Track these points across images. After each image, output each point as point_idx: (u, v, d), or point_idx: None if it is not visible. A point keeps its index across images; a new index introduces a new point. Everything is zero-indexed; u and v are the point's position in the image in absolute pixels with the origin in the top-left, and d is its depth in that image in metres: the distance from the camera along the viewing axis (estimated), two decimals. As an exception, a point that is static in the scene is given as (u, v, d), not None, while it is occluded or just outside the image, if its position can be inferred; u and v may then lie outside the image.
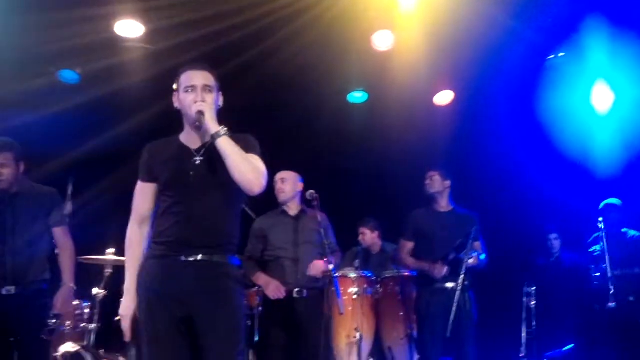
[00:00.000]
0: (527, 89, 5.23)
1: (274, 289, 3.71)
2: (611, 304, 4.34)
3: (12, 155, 3.31)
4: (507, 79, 5.13)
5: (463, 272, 3.69)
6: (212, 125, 2.28)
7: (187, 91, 2.37)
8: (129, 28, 4.54)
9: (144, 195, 2.43)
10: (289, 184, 3.95)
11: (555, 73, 5.12)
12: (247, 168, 2.28)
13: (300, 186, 3.99)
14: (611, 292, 4.34)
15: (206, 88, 2.37)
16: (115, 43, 4.63)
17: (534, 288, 5.00)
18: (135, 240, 2.42)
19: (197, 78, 2.37)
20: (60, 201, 3.58)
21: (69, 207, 4.23)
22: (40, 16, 4.21)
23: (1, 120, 4.63)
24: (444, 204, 4.12)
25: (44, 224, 3.40)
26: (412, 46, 4.65)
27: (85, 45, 4.60)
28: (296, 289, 3.73)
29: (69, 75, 4.89)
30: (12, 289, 3.22)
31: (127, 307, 2.35)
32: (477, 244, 3.96)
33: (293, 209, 3.97)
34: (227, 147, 2.26)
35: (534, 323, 4.88)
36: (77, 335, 3.96)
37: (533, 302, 4.94)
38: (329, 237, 3.94)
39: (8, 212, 3.30)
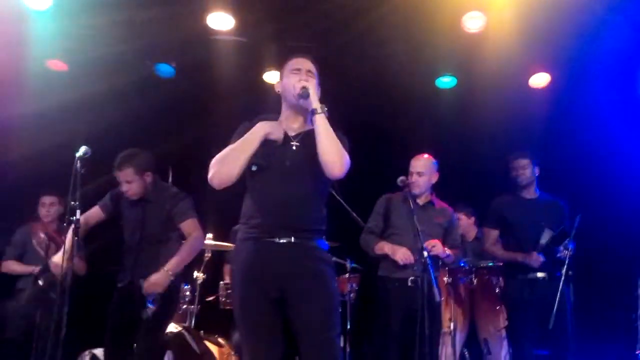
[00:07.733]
0: (629, 69, 4.89)
1: (404, 254, 3.60)
2: None
3: (133, 170, 3.32)
4: (607, 58, 4.80)
5: (567, 262, 3.53)
6: (314, 101, 2.39)
7: (292, 73, 2.50)
8: (220, 21, 4.65)
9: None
10: (425, 177, 3.79)
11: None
12: (335, 149, 2.35)
13: (435, 177, 3.84)
14: None
15: (309, 73, 2.52)
16: (207, 36, 4.76)
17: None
18: None
19: (303, 63, 2.54)
20: (179, 198, 3.43)
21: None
22: (135, 11, 4.41)
23: (101, 114, 4.91)
24: (531, 191, 3.97)
25: (171, 225, 3.39)
26: (505, 27, 4.44)
27: (179, 39, 4.79)
28: (411, 278, 3.61)
29: (165, 69, 5.08)
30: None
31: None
32: None
33: (422, 198, 3.83)
34: (322, 124, 2.36)
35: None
36: (180, 317, 4.14)
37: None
38: (452, 231, 3.84)
39: (139, 219, 3.39)
